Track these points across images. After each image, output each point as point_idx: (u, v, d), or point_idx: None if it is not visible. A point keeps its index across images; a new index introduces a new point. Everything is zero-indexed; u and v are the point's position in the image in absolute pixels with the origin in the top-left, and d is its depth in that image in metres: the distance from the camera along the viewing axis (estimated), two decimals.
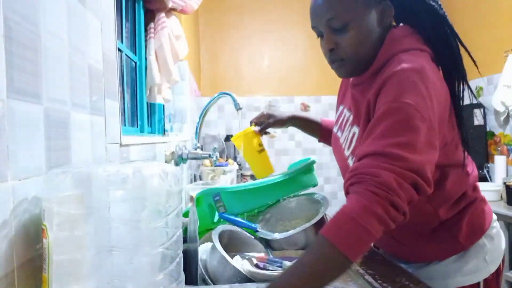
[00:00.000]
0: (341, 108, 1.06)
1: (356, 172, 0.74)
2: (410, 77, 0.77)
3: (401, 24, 0.92)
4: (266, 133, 1.27)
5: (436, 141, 0.77)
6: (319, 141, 1.30)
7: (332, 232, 0.68)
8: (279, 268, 0.87)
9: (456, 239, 0.93)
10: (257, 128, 1.23)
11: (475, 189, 0.96)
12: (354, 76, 0.93)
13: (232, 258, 0.86)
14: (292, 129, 4.48)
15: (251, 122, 1.27)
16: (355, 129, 0.93)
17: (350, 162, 0.93)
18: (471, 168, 0.96)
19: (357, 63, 0.89)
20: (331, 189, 4.02)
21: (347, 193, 0.75)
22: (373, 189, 0.69)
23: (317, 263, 0.67)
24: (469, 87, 0.89)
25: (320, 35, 0.91)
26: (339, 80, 1.09)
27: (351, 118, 0.97)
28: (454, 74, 0.87)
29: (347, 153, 0.96)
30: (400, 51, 0.84)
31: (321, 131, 1.28)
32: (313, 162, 1.19)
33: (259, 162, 1.25)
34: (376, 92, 0.82)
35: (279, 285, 0.67)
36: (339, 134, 1.03)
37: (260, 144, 1.24)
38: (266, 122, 1.24)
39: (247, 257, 0.96)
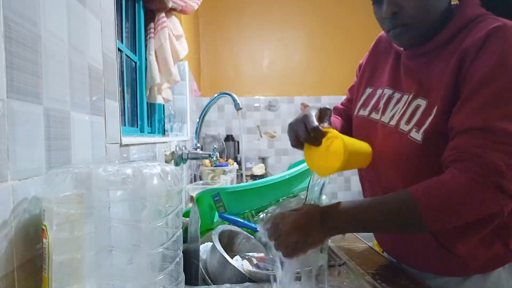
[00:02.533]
0: (369, 90, 0.94)
1: (459, 150, 0.68)
2: None
3: None
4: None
5: None
6: None
7: (424, 196, 0.67)
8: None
9: (507, 247, 0.80)
10: (327, 124, 0.80)
11: None
12: (417, 45, 0.82)
13: (232, 258, 0.86)
14: None
15: (313, 129, 0.76)
16: (420, 101, 0.80)
17: (415, 134, 0.79)
18: None
19: (423, 29, 0.78)
20: (331, 189, 4.02)
21: (446, 167, 0.70)
22: (480, 172, 0.64)
23: (396, 217, 0.69)
24: None
25: (376, 0, 0.81)
26: (339, 80, 1.06)
27: (397, 95, 0.85)
28: None
29: (405, 127, 0.81)
30: (486, 13, 0.75)
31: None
32: None
33: (362, 148, 0.85)
34: (471, 51, 0.71)
35: (350, 213, 0.70)
36: (374, 116, 0.90)
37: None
38: (324, 114, 0.83)
39: (247, 257, 0.96)
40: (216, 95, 1.83)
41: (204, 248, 0.95)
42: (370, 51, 1.01)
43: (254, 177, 2.91)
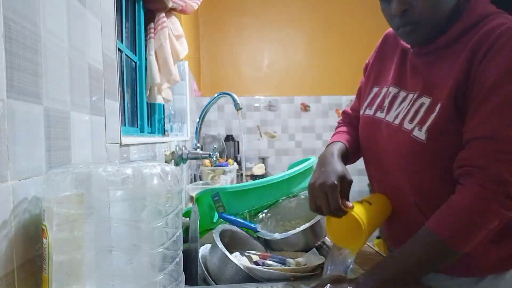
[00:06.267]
0: (375, 89, 0.93)
1: (465, 163, 0.69)
2: None
3: None
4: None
5: None
6: (352, 162, 1.01)
7: (442, 227, 0.68)
8: (279, 265, 0.87)
9: None
10: (350, 204, 0.79)
11: None
12: (426, 43, 0.81)
13: (231, 254, 0.86)
14: (292, 129, 4.43)
15: (337, 209, 0.78)
16: (424, 99, 0.79)
17: (417, 133, 0.78)
18: None
19: (433, 27, 0.77)
20: None
21: (456, 180, 0.72)
22: (484, 183, 0.66)
23: (427, 257, 0.69)
24: None
25: None
26: (339, 80, 1.04)
27: (402, 93, 0.85)
28: None
29: (408, 125, 0.80)
30: (497, 11, 0.74)
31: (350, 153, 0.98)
32: (313, 162, 1.19)
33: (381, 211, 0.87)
34: (481, 52, 0.70)
35: (383, 272, 0.70)
36: (379, 115, 0.89)
37: (368, 202, 0.84)
38: (346, 188, 0.82)
39: (246, 254, 0.96)
40: (216, 95, 1.83)
41: (204, 250, 0.95)
42: (377, 49, 1.00)
43: (254, 177, 2.91)
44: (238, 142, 3.57)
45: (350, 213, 0.76)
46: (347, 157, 0.95)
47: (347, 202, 0.79)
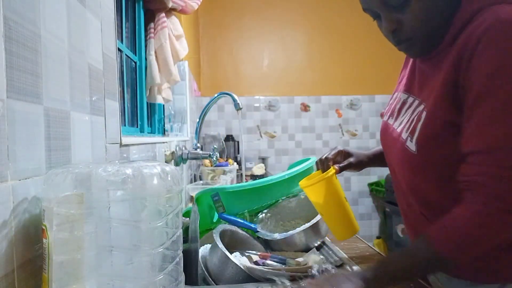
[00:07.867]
0: (394, 95, 0.93)
1: (466, 179, 0.68)
2: None
3: None
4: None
5: None
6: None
7: (444, 243, 0.67)
8: (279, 265, 0.87)
9: None
10: (337, 167, 0.96)
11: None
12: (429, 51, 0.78)
13: (231, 254, 0.86)
14: (292, 129, 4.42)
15: (322, 162, 0.99)
16: (421, 107, 0.78)
17: (409, 143, 0.78)
18: None
19: (429, 38, 0.74)
20: None
21: (461, 191, 0.70)
22: (485, 201, 0.64)
23: (420, 265, 0.69)
24: None
25: (375, 16, 0.77)
26: (339, 80, 1.06)
27: (410, 100, 0.83)
28: None
29: (404, 135, 0.80)
30: (490, 3, 0.67)
31: None
32: (313, 162, 1.19)
33: (346, 215, 0.94)
34: (463, 53, 0.67)
35: (378, 274, 0.70)
36: (390, 121, 0.89)
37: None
38: (347, 162, 0.99)
39: (246, 254, 0.96)
40: (216, 95, 1.83)
41: (204, 250, 0.95)
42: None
43: (254, 177, 2.91)
44: (238, 142, 3.57)
45: (329, 170, 0.93)
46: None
47: (334, 165, 0.96)
